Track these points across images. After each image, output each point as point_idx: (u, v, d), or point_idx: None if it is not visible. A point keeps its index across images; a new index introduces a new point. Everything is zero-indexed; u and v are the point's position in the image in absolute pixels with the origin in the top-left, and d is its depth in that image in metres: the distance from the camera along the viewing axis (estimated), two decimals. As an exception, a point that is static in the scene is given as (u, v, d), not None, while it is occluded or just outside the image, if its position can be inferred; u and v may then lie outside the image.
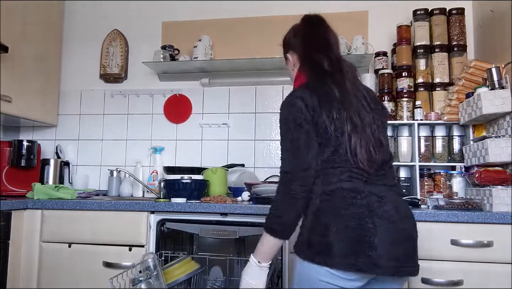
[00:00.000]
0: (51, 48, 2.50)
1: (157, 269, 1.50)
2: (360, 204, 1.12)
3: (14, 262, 1.81)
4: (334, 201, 1.14)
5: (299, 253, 1.17)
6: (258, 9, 2.53)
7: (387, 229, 1.11)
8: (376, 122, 1.23)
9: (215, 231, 1.75)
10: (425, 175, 2.09)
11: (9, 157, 2.32)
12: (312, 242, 1.13)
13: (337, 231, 1.10)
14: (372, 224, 1.10)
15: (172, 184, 1.92)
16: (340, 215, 1.12)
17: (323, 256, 1.10)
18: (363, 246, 1.08)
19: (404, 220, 1.17)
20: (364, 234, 1.09)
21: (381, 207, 1.13)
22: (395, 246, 1.11)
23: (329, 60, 1.24)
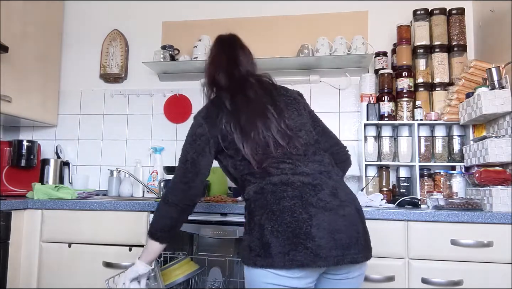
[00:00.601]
0: (51, 48, 2.50)
1: (155, 269, 1.48)
2: (291, 196, 1.11)
3: (14, 262, 1.81)
4: (265, 198, 1.13)
5: (243, 260, 1.14)
6: (258, 9, 2.53)
7: (324, 217, 1.08)
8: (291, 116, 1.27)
9: (215, 231, 1.75)
10: (425, 175, 2.09)
11: (9, 157, 2.32)
12: (252, 246, 1.11)
13: (272, 229, 1.08)
14: (306, 214, 1.08)
15: (172, 184, 1.92)
16: (272, 211, 1.10)
17: (263, 258, 1.07)
18: (301, 239, 1.05)
19: (343, 205, 1.13)
20: (299, 226, 1.06)
21: (315, 195, 1.11)
22: (335, 234, 1.07)
23: (229, 77, 1.33)
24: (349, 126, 2.37)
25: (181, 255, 1.83)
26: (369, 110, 2.15)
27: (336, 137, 1.45)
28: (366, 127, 2.16)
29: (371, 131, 2.16)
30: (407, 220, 1.62)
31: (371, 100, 2.17)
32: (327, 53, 2.28)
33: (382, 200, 1.87)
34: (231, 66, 1.35)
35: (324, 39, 2.30)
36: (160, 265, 1.70)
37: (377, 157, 2.15)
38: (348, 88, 2.39)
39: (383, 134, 2.14)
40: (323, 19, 2.47)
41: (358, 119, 2.33)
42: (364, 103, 2.17)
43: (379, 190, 2.10)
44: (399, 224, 1.63)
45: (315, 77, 2.38)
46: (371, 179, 2.14)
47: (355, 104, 2.38)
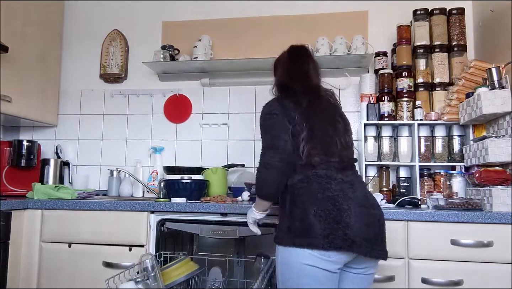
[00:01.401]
0: (51, 48, 2.50)
1: (155, 270, 1.50)
2: (334, 189, 1.24)
3: (14, 262, 1.81)
4: (310, 187, 1.25)
5: (280, 241, 1.24)
6: (258, 9, 2.53)
7: (359, 212, 1.22)
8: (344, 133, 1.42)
9: (215, 231, 1.75)
10: (425, 175, 2.09)
11: (9, 157, 2.32)
12: (292, 227, 1.22)
13: (316, 213, 1.20)
14: (347, 205, 1.21)
15: (172, 184, 1.92)
16: (317, 198, 1.22)
17: (304, 238, 1.18)
18: (340, 226, 1.18)
19: (373, 206, 1.28)
20: (340, 215, 1.19)
21: (353, 192, 1.25)
22: (367, 227, 1.22)
23: (305, 87, 1.43)
24: (349, 126, 2.37)
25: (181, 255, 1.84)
26: (369, 110, 2.15)
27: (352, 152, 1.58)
28: (366, 127, 2.16)
29: (371, 131, 2.16)
30: (407, 220, 1.62)
31: (371, 100, 2.17)
32: (327, 53, 2.28)
33: (382, 200, 1.87)
34: (304, 79, 1.46)
35: (324, 39, 2.30)
36: (160, 265, 1.71)
37: (377, 157, 2.15)
38: (348, 88, 2.39)
39: (383, 134, 2.14)
40: (323, 19, 2.47)
41: (358, 119, 2.33)
42: (364, 103, 2.17)
43: (379, 190, 2.10)
44: (399, 224, 1.63)
45: (315, 77, 2.38)
46: (371, 179, 2.14)
47: (355, 104, 2.38)
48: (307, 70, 1.48)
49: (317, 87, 1.47)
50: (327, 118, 1.39)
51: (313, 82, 1.47)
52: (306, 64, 1.50)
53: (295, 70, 1.49)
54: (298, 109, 1.35)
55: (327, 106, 1.44)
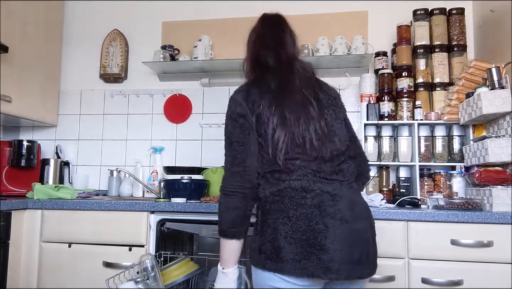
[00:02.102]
0: (51, 48, 2.50)
1: (154, 270, 1.49)
2: (310, 204, 1.08)
3: (14, 262, 1.81)
4: (282, 202, 1.10)
5: (252, 260, 1.13)
6: (258, 9, 2.52)
7: (339, 230, 1.06)
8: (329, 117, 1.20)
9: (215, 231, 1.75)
10: (425, 175, 2.09)
11: (9, 157, 2.32)
12: (263, 248, 1.09)
13: (286, 234, 1.06)
14: (323, 224, 1.06)
15: (172, 184, 1.92)
16: (288, 217, 1.07)
17: (273, 262, 1.06)
18: (314, 249, 1.04)
19: (358, 219, 1.11)
20: (314, 236, 1.04)
21: (333, 205, 1.08)
22: (348, 248, 1.06)
23: (276, 57, 1.25)
24: (349, 126, 2.37)
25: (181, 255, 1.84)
26: (369, 110, 2.15)
27: (361, 148, 1.39)
28: (366, 127, 2.16)
29: (371, 131, 2.16)
30: (407, 220, 1.62)
31: (371, 100, 2.17)
32: (327, 53, 2.28)
33: (382, 200, 1.87)
34: (278, 46, 1.27)
35: (324, 39, 2.30)
36: (160, 265, 1.71)
37: (377, 157, 2.15)
38: (348, 88, 2.39)
39: (383, 134, 2.14)
40: (323, 19, 2.47)
41: (358, 119, 2.33)
42: (364, 103, 2.17)
43: (379, 190, 2.10)
44: (399, 224, 1.63)
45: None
46: (371, 179, 2.14)
47: (355, 104, 2.38)
48: (283, 38, 1.29)
49: (291, 58, 1.26)
50: (297, 104, 1.16)
51: (288, 51, 1.27)
52: (281, 31, 1.31)
53: (268, 37, 1.30)
54: (265, 94, 1.16)
55: (297, 87, 1.19)
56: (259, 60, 1.28)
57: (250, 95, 1.18)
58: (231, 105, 1.20)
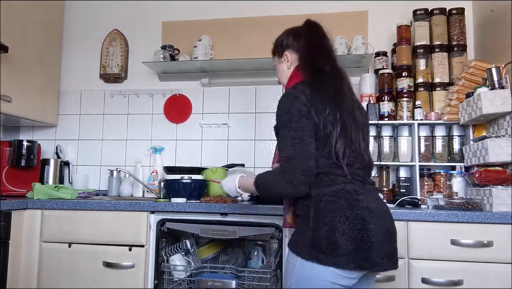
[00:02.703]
0: (51, 48, 2.50)
1: (193, 247, 1.91)
2: (362, 206, 1.17)
3: (14, 262, 1.81)
4: (339, 202, 1.17)
5: (300, 253, 1.17)
6: (258, 9, 2.53)
7: (381, 227, 1.18)
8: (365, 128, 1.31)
9: (215, 231, 1.76)
10: (425, 175, 2.09)
11: (9, 157, 2.32)
12: (317, 243, 1.15)
13: (344, 232, 1.13)
14: (373, 224, 1.16)
15: (172, 184, 1.92)
16: (346, 216, 1.15)
17: (329, 256, 1.13)
18: (366, 246, 1.14)
19: (387, 214, 1.24)
20: (368, 235, 1.14)
21: (374, 205, 1.19)
22: (387, 242, 1.19)
23: (330, 64, 1.31)
24: (349, 126, 2.37)
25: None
26: (369, 110, 2.15)
27: None
28: (366, 127, 2.15)
29: (371, 131, 2.15)
30: (407, 220, 1.62)
31: (371, 100, 2.17)
32: (327, 53, 2.27)
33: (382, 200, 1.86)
34: (328, 53, 1.34)
35: (324, 39, 2.30)
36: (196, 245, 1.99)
37: (377, 157, 2.15)
38: (348, 88, 2.39)
39: (383, 134, 2.14)
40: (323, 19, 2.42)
41: (358, 119, 2.33)
42: (364, 103, 2.17)
43: (379, 189, 2.10)
44: (399, 224, 1.62)
45: (315, 77, 2.38)
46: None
47: (355, 104, 2.38)
48: (330, 45, 1.35)
49: (342, 71, 1.32)
50: (352, 113, 1.24)
51: (335, 59, 1.33)
52: (326, 39, 1.36)
53: (321, 44, 1.33)
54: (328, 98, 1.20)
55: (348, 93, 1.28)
56: (315, 64, 1.31)
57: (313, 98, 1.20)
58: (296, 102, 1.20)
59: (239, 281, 1.73)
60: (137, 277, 1.77)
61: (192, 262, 1.90)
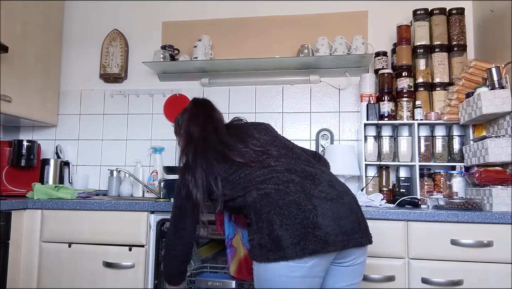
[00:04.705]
0: (51, 48, 2.50)
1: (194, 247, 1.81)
2: (294, 190, 1.19)
3: (14, 262, 1.81)
4: (270, 196, 1.19)
5: (254, 257, 1.18)
6: (258, 9, 2.53)
7: (327, 206, 1.16)
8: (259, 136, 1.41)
9: (215, 231, 1.75)
10: (425, 175, 2.09)
11: (9, 157, 2.31)
12: (262, 242, 1.15)
13: (281, 222, 1.14)
14: (311, 205, 1.15)
15: (172, 183, 1.92)
16: (279, 206, 1.16)
17: (275, 252, 1.12)
18: (309, 229, 1.12)
19: (341, 195, 1.22)
20: (307, 217, 1.13)
21: (315, 187, 1.20)
22: (339, 220, 1.16)
23: (200, 130, 1.46)
24: (349, 126, 2.37)
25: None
26: (369, 110, 2.15)
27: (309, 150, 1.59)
28: (366, 127, 2.16)
29: (371, 131, 2.16)
30: (407, 220, 1.63)
31: (371, 100, 2.17)
32: (327, 53, 2.28)
33: (382, 200, 1.87)
34: (203, 121, 1.50)
35: (324, 39, 2.30)
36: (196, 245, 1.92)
37: (377, 157, 2.15)
38: (348, 88, 2.39)
39: (383, 134, 2.14)
40: (323, 19, 2.47)
41: (358, 119, 2.33)
42: (364, 103, 2.17)
43: (379, 190, 2.10)
44: (399, 224, 1.63)
45: (315, 77, 2.38)
46: (371, 179, 2.14)
47: (355, 104, 2.38)
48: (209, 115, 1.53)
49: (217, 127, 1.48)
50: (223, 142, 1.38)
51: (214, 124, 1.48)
52: (208, 110, 1.56)
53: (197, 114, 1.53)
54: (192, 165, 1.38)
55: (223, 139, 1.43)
56: (186, 133, 1.50)
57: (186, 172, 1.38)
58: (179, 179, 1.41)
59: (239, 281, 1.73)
60: (137, 277, 1.77)
61: (192, 262, 1.90)
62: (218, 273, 1.82)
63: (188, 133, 1.48)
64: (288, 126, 2.43)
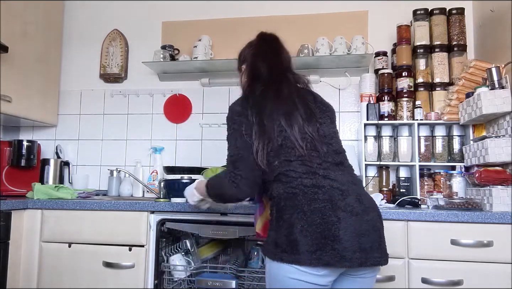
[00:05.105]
0: (51, 48, 2.50)
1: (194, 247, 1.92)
2: (322, 199, 1.15)
3: (14, 262, 1.81)
4: (296, 198, 1.17)
5: (267, 253, 1.19)
6: (258, 9, 2.53)
7: (351, 221, 1.13)
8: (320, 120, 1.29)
9: (215, 231, 1.76)
10: (425, 175, 2.09)
11: (9, 156, 2.32)
12: (279, 242, 1.15)
13: (302, 228, 1.12)
14: (335, 217, 1.12)
15: (172, 183, 1.92)
16: (303, 212, 1.14)
17: (290, 254, 1.12)
18: (329, 240, 1.10)
19: (367, 211, 1.18)
20: (328, 228, 1.11)
21: (343, 199, 1.16)
22: (360, 237, 1.13)
23: (270, 69, 1.35)
24: (349, 126, 2.37)
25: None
26: (369, 110, 2.15)
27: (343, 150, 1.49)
28: (366, 127, 2.15)
29: (371, 131, 2.16)
30: (407, 220, 1.62)
31: (371, 100, 2.17)
32: (327, 53, 2.28)
33: (382, 200, 1.87)
34: (272, 59, 1.38)
35: (324, 39, 2.30)
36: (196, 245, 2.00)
37: (377, 157, 2.15)
38: (348, 88, 2.39)
39: (383, 134, 2.14)
40: (323, 19, 2.47)
41: (358, 119, 2.33)
42: (364, 103, 2.17)
43: (379, 189, 2.10)
44: (399, 224, 1.63)
45: (315, 77, 2.38)
46: (371, 179, 2.14)
47: (355, 104, 2.38)
48: (278, 52, 1.41)
49: (284, 71, 1.37)
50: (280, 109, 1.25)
51: (283, 65, 1.38)
52: (276, 47, 1.43)
53: (265, 51, 1.41)
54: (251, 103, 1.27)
55: (286, 94, 1.29)
56: (254, 71, 1.38)
57: (246, 104, 1.28)
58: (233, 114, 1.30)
59: (239, 281, 1.73)
60: (137, 277, 1.77)
61: (192, 262, 1.90)
62: (218, 273, 1.82)
63: (254, 69, 1.38)
64: (288, 126, 2.43)
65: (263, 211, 1.46)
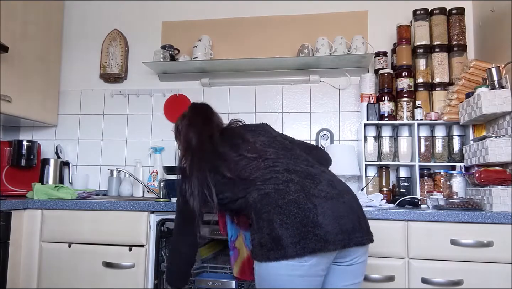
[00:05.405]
0: (51, 48, 2.50)
1: None
2: (294, 190, 1.19)
3: (14, 262, 1.81)
4: (269, 196, 1.20)
5: (256, 257, 1.19)
6: (258, 9, 2.53)
7: (327, 205, 1.16)
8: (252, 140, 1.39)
9: (215, 231, 1.75)
10: (425, 175, 2.09)
11: (9, 156, 2.31)
12: (263, 242, 1.16)
13: (282, 221, 1.14)
14: (311, 204, 1.15)
15: (172, 184, 1.92)
16: (279, 206, 1.17)
17: (276, 251, 1.13)
18: (309, 227, 1.12)
19: (341, 194, 1.22)
20: (307, 216, 1.13)
21: (315, 187, 1.20)
22: (339, 219, 1.15)
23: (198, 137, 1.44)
24: (349, 126, 2.37)
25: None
26: (369, 110, 2.15)
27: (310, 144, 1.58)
28: (366, 127, 2.15)
29: (371, 131, 2.16)
30: (407, 220, 1.63)
31: (371, 100, 2.17)
32: (327, 53, 2.28)
33: (382, 200, 1.87)
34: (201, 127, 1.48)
35: (324, 39, 2.30)
36: None
37: (377, 157, 2.15)
38: (348, 88, 2.39)
39: (383, 134, 2.14)
40: (323, 19, 2.47)
41: (358, 119, 2.33)
42: (364, 103, 2.17)
43: (379, 189, 2.10)
44: (399, 224, 1.63)
45: (315, 77, 2.38)
46: (371, 179, 2.14)
47: (355, 104, 2.38)
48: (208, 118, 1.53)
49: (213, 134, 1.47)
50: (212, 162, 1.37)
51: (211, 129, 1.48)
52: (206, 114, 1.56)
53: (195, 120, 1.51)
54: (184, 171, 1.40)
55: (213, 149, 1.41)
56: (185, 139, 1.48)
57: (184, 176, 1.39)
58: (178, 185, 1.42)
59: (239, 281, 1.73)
60: (137, 277, 1.77)
61: None
62: (218, 273, 1.82)
63: (186, 140, 1.47)
64: (288, 126, 2.43)
65: (237, 256, 1.50)
